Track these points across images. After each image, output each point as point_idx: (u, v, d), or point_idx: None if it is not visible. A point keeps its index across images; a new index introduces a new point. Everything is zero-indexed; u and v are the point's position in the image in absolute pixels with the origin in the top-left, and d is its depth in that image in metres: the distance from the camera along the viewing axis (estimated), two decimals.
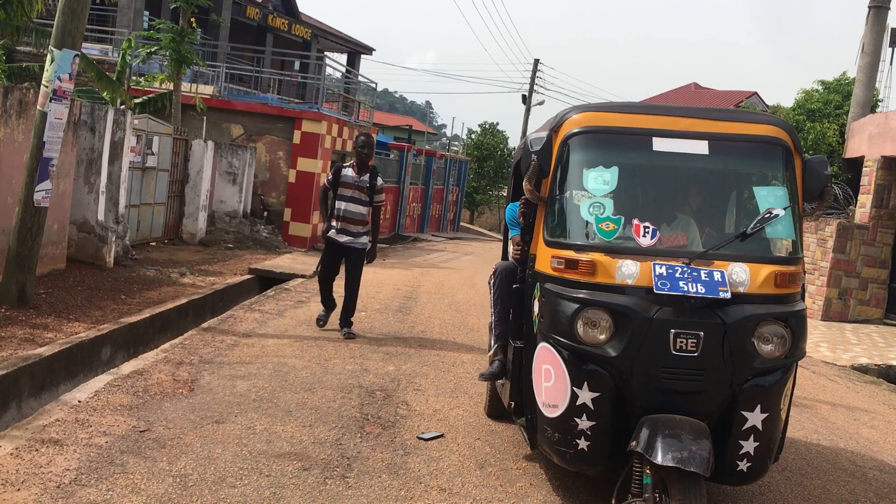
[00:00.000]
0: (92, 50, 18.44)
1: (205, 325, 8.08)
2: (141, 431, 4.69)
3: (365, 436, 5.09)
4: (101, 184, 10.56)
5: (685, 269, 3.85)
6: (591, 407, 3.90)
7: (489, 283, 5.29)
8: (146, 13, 23.73)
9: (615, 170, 4.14)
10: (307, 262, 14.09)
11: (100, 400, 5.18)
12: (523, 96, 37.20)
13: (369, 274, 14.06)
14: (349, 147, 19.25)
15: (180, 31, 15.34)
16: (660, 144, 4.22)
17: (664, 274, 3.82)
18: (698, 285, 3.78)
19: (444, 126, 72.08)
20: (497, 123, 43.31)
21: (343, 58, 35.75)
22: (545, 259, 4.16)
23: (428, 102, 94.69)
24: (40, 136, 7.55)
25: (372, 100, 24.06)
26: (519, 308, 4.69)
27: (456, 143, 43.91)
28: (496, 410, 5.65)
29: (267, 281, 12.06)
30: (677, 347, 3.77)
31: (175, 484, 4.03)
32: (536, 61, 38.00)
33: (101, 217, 10.57)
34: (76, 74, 7.91)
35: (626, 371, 3.84)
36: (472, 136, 42.65)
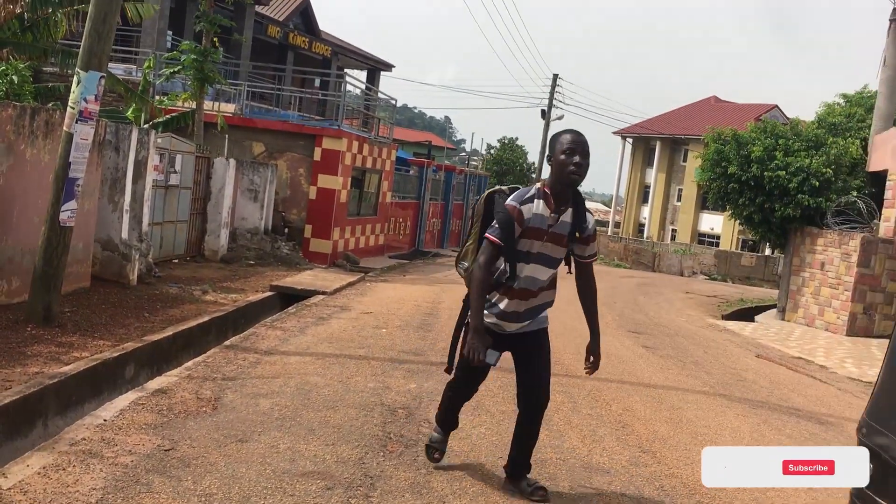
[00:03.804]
0: (116, 69, 18.66)
1: (227, 342, 8.14)
2: (166, 450, 4.72)
3: (388, 454, 5.09)
4: (125, 202, 10.69)
5: None
6: None
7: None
8: (170, 33, 24.05)
9: None
10: (328, 279, 14.15)
11: (125, 418, 5.23)
12: (542, 111, 37.27)
13: (390, 290, 14.14)
14: (370, 164, 19.21)
15: (203, 52, 15.54)
16: None
17: None
18: None
19: (463, 141, 72.27)
20: (516, 138, 43.53)
21: (363, 75, 36.01)
22: None
23: (447, 118, 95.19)
24: (66, 157, 7.65)
25: (392, 116, 24.18)
26: None
27: (475, 158, 43.98)
28: None
29: (288, 298, 12.13)
30: None
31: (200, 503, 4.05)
32: (555, 76, 38.09)
33: (124, 235, 10.69)
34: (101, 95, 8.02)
35: None
36: (492, 151, 42.75)
